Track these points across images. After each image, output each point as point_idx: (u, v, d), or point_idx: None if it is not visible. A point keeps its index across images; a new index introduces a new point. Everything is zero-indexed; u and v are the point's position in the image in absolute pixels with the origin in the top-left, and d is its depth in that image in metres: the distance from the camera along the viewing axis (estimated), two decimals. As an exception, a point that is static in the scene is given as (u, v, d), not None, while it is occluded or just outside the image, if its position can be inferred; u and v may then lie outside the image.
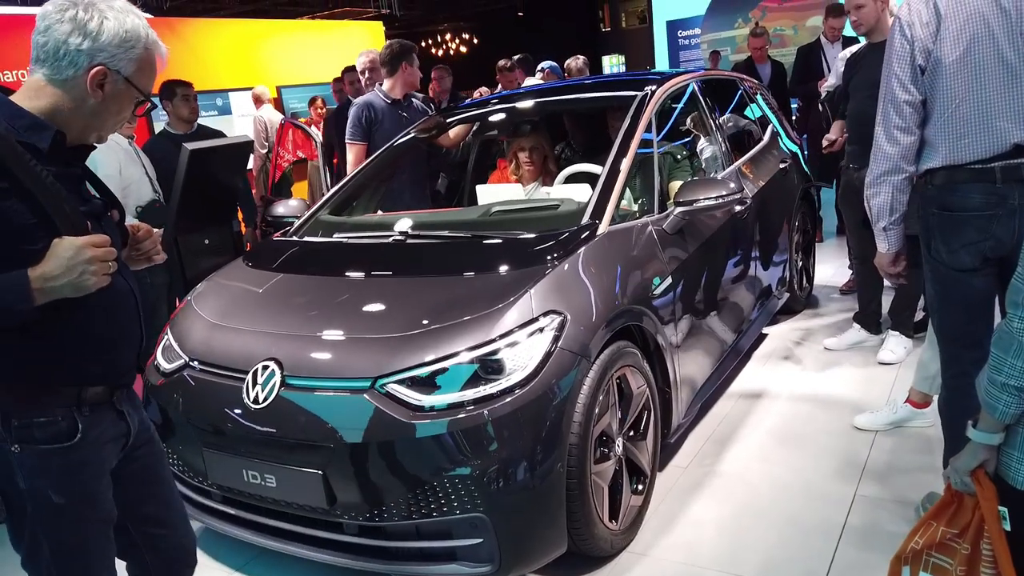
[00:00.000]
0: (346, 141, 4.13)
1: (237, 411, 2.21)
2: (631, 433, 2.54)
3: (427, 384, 2.10)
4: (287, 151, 6.34)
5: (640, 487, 2.56)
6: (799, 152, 4.71)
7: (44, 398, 1.42)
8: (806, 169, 4.68)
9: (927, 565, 1.51)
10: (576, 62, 6.26)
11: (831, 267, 5.24)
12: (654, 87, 3.32)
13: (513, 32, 17.98)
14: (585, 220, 2.65)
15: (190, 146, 3.57)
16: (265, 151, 6.97)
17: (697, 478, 2.86)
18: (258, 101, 7.50)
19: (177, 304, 3.32)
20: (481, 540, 2.06)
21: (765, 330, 4.23)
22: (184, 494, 2.51)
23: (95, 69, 1.38)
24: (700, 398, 3.07)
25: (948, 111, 1.96)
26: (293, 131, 6.39)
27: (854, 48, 3.95)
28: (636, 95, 3.25)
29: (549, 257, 2.44)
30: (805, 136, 5.91)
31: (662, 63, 16.90)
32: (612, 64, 18.14)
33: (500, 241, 2.67)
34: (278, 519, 2.26)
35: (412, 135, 3.69)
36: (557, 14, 17.11)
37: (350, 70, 5.71)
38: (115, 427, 1.54)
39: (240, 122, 8.44)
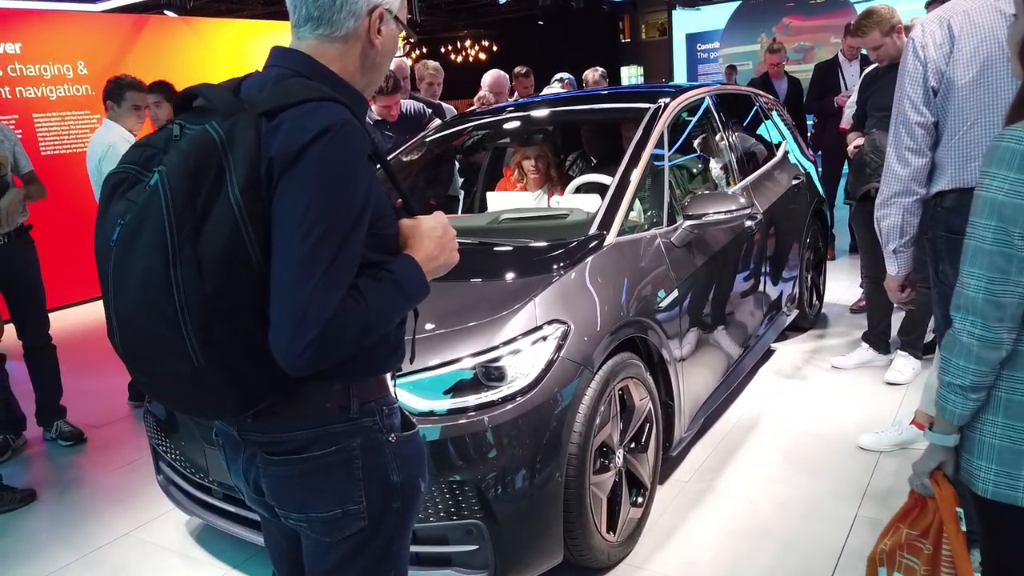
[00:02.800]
0: None
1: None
2: (632, 445, 2.53)
3: (429, 388, 2.11)
4: None
5: (640, 499, 2.55)
6: (813, 169, 4.69)
7: (387, 385, 1.33)
8: (819, 187, 4.66)
9: (900, 565, 1.56)
10: (594, 74, 6.26)
11: (842, 285, 5.21)
12: (667, 100, 3.32)
13: (533, 40, 18.02)
14: (593, 230, 2.65)
15: None
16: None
17: (698, 493, 2.84)
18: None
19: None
20: (477, 547, 2.05)
21: (773, 346, 4.21)
22: (186, 490, 2.53)
23: (375, 12, 1.22)
24: (704, 412, 3.06)
25: (959, 133, 1.94)
26: None
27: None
28: (649, 107, 3.25)
29: (555, 266, 2.44)
30: (820, 153, 5.89)
31: (680, 75, 16.92)
32: (630, 75, 18.17)
33: (507, 249, 2.68)
34: (276, 518, 2.27)
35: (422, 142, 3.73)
36: (577, 23, 17.14)
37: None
38: None
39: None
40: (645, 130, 3.09)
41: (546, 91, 5.79)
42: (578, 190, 3.52)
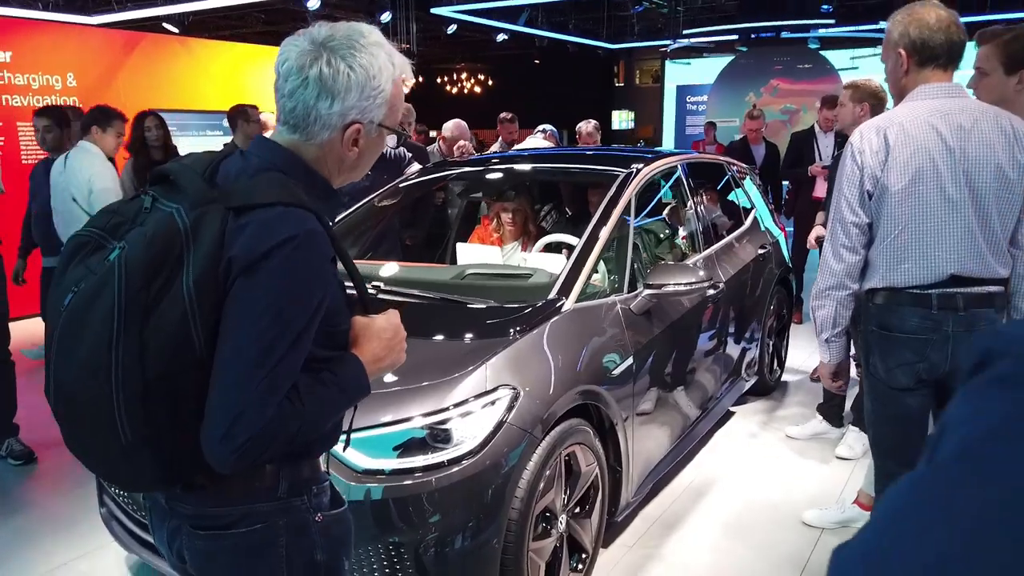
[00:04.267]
0: None
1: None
2: (576, 510, 2.56)
3: (378, 447, 2.13)
4: None
5: (580, 566, 2.57)
6: (781, 237, 4.80)
7: (318, 465, 1.35)
8: (786, 255, 4.76)
9: None
10: (587, 125, 6.34)
11: (806, 352, 5.30)
12: (640, 166, 3.41)
13: (529, 78, 18.32)
14: (552, 295, 2.70)
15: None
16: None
17: (640, 559, 2.87)
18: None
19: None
20: (410, 610, 2.07)
21: (731, 408, 4.27)
22: (127, 527, 2.52)
23: (349, 128, 1.23)
24: (653, 478, 3.10)
25: (891, 236, 2.04)
26: None
27: None
28: (621, 172, 3.34)
29: (512, 330, 2.49)
30: (792, 218, 6.03)
31: (670, 123, 17.25)
32: (621, 120, 18.50)
33: (467, 308, 2.72)
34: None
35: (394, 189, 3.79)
36: (573, 65, 17.49)
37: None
38: None
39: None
40: (614, 196, 3.17)
41: (528, 140, 5.89)
42: (546, 247, 3.59)
